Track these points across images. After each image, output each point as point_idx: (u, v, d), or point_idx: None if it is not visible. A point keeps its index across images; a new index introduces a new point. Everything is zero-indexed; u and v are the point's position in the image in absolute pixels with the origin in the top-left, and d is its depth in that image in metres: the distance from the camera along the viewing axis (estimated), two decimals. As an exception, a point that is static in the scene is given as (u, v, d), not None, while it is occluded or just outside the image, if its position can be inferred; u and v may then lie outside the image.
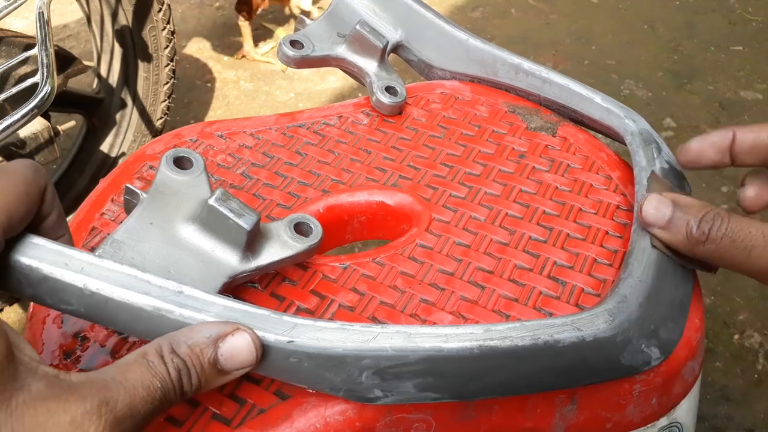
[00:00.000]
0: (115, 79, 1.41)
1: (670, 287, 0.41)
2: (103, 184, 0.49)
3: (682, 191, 0.45)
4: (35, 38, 1.01)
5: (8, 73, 1.10)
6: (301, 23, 0.57)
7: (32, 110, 1.02)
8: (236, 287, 0.41)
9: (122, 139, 1.45)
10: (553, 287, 0.43)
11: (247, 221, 0.38)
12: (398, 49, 0.59)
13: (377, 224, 0.50)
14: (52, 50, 1.02)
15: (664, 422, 0.43)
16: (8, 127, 1.01)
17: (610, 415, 0.41)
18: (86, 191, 1.41)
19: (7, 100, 1.06)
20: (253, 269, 0.40)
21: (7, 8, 1.02)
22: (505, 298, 0.43)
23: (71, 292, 0.33)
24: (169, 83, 1.45)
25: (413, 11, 0.57)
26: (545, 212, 0.48)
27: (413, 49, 0.59)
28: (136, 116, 1.44)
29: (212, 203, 0.38)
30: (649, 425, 0.42)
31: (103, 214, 0.47)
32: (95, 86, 1.42)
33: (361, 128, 0.54)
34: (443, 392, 0.36)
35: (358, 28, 0.55)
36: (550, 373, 0.37)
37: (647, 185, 0.44)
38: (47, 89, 1.02)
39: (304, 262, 0.43)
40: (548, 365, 0.36)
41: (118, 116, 1.43)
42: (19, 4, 1.03)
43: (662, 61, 1.93)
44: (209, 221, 0.39)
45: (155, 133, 1.47)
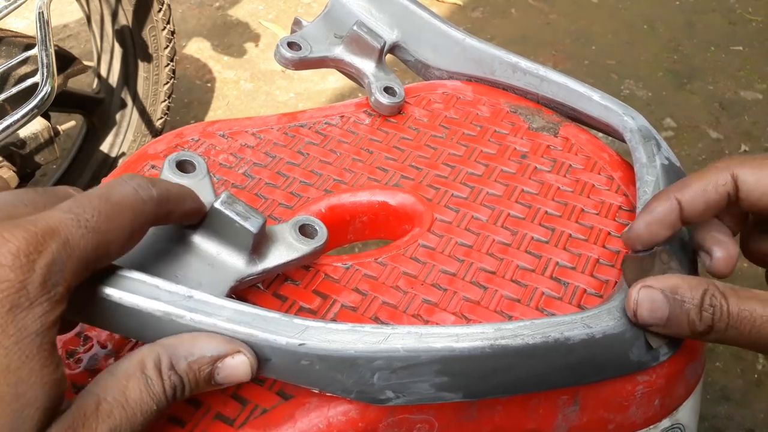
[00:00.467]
0: (115, 79, 1.40)
1: None
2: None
3: None
4: (35, 38, 1.01)
5: (8, 73, 1.10)
6: (297, 24, 0.57)
7: (32, 110, 1.02)
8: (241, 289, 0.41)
9: (122, 139, 1.45)
10: (555, 288, 0.43)
11: (253, 224, 0.38)
12: (395, 49, 0.59)
13: (379, 224, 0.50)
14: (52, 50, 1.02)
15: (666, 423, 0.43)
16: (8, 127, 1.01)
17: (612, 416, 0.41)
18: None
19: (7, 100, 1.06)
20: (259, 272, 0.40)
21: (7, 8, 1.02)
22: (507, 298, 0.43)
23: (81, 298, 0.32)
24: (169, 83, 1.45)
25: (409, 11, 0.57)
26: (547, 213, 0.48)
27: (410, 49, 0.59)
28: (136, 116, 1.44)
29: (218, 206, 0.38)
30: (651, 426, 0.42)
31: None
32: (95, 86, 1.42)
33: (362, 128, 0.54)
34: (455, 392, 0.36)
35: (355, 28, 0.55)
36: (560, 370, 0.37)
37: (623, 271, 0.40)
38: (47, 89, 1.02)
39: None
40: (558, 363, 0.36)
41: (118, 116, 1.43)
42: (19, 4, 1.03)
43: (662, 61, 1.93)
44: (215, 225, 0.39)
45: (155, 133, 1.47)
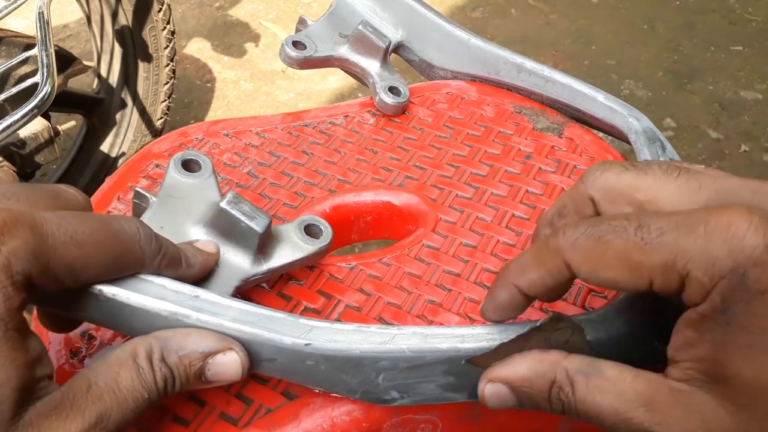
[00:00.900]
0: (115, 79, 1.40)
1: None
2: (109, 182, 0.49)
3: None
4: (35, 38, 1.01)
5: (8, 73, 1.10)
6: (302, 23, 0.57)
7: (32, 110, 1.02)
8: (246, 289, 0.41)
9: (122, 139, 1.45)
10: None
11: (259, 224, 0.38)
12: (399, 49, 0.59)
13: (383, 224, 0.49)
14: (52, 50, 1.02)
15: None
16: (8, 127, 1.01)
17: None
18: (86, 191, 1.39)
19: (7, 100, 1.06)
20: (264, 272, 0.40)
21: (7, 8, 1.02)
22: (512, 298, 0.43)
23: (88, 298, 0.32)
24: (169, 83, 1.45)
25: (414, 11, 0.57)
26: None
27: (414, 49, 0.59)
28: (136, 116, 1.44)
29: (224, 206, 0.38)
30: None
31: (109, 212, 0.47)
32: (95, 86, 1.42)
33: (367, 128, 0.54)
34: (460, 392, 0.36)
35: (360, 28, 0.55)
36: None
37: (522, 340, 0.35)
38: (47, 89, 1.02)
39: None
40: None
41: (118, 116, 1.43)
42: (19, 4, 1.03)
43: (662, 61, 1.94)
44: (220, 224, 0.39)
45: (155, 133, 1.47)
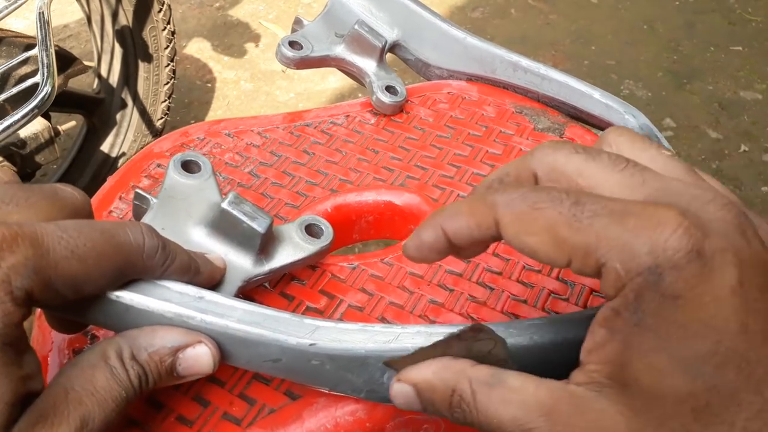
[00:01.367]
0: (115, 79, 1.40)
1: None
2: (110, 181, 0.49)
3: None
4: (35, 38, 1.01)
5: (9, 73, 1.10)
6: (298, 24, 0.57)
7: (32, 110, 1.02)
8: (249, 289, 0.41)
9: (122, 139, 1.45)
10: (561, 289, 0.43)
11: (260, 224, 0.38)
12: (395, 48, 0.59)
13: (385, 224, 0.49)
14: (52, 50, 1.02)
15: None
16: (9, 127, 1.01)
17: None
18: (87, 191, 1.39)
19: (7, 100, 1.06)
20: (266, 272, 0.40)
21: (7, 8, 1.02)
22: (513, 299, 0.43)
23: (90, 301, 0.32)
24: (169, 83, 1.45)
25: (410, 10, 0.57)
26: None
27: (410, 48, 0.59)
28: (136, 116, 1.44)
29: (225, 207, 0.38)
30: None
31: (111, 212, 0.47)
32: (95, 86, 1.42)
33: (368, 128, 0.54)
34: None
35: (356, 27, 0.55)
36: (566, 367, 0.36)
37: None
38: (47, 89, 1.02)
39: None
40: (565, 360, 0.35)
41: (118, 116, 1.43)
42: (19, 4, 1.03)
43: (662, 61, 1.94)
44: (222, 225, 0.39)
45: (155, 133, 1.47)
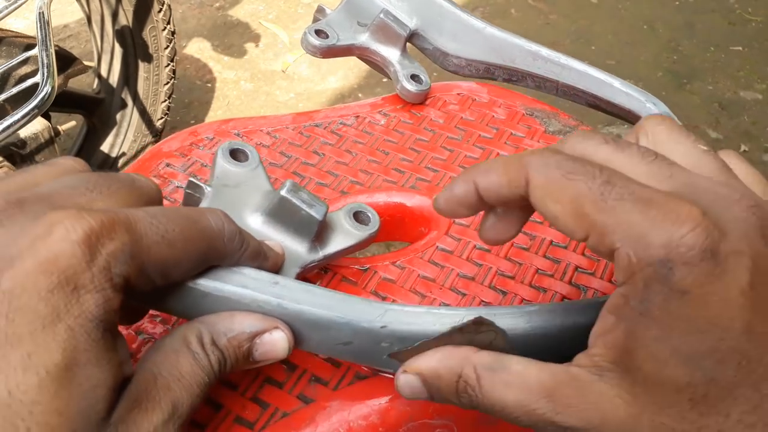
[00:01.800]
0: (115, 79, 1.40)
1: None
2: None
3: None
4: (35, 38, 1.01)
5: (9, 73, 1.10)
6: (320, 12, 0.57)
7: (33, 110, 1.02)
8: None
9: (122, 139, 1.45)
10: (573, 292, 0.43)
11: (318, 211, 0.39)
12: (413, 37, 0.59)
13: (395, 226, 0.49)
14: (52, 50, 1.02)
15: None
16: (9, 127, 1.01)
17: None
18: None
19: (7, 100, 1.05)
20: (321, 258, 0.40)
21: (7, 8, 1.02)
22: (525, 303, 0.42)
23: (169, 290, 0.32)
24: (169, 83, 1.45)
25: (429, 0, 0.57)
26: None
27: (429, 37, 0.58)
28: (136, 116, 1.44)
29: (285, 194, 0.39)
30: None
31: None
32: (95, 86, 1.42)
33: (378, 128, 0.54)
34: None
35: (382, 16, 0.55)
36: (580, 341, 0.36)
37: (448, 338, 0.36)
38: (47, 89, 1.02)
39: (327, 263, 0.43)
40: (569, 348, 0.36)
41: (118, 116, 1.43)
42: (19, 4, 1.03)
43: (662, 61, 1.94)
44: (279, 212, 0.39)
45: (155, 133, 1.46)
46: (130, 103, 1.42)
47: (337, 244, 0.41)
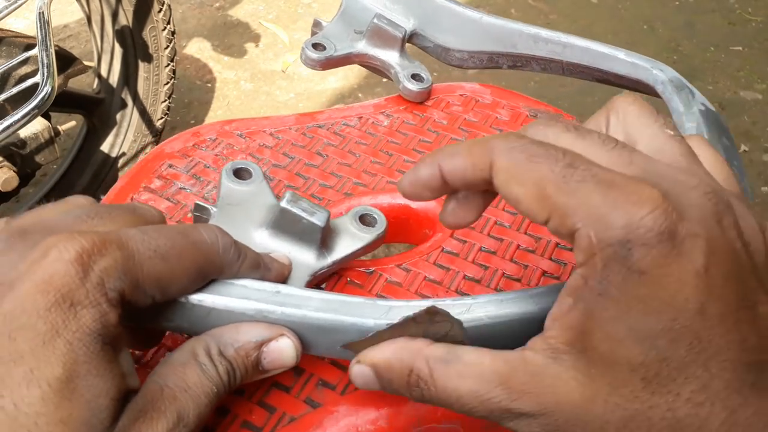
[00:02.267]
0: (115, 79, 1.40)
1: None
2: (122, 182, 0.48)
3: (724, 136, 0.44)
4: (35, 38, 1.01)
5: (9, 73, 1.10)
6: (317, 26, 0.58)
7: (33, 110, 1.02)
8: None
9: (122, 139, 1.44)
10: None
11: (319, 218, 0.39)
12: (413, 38, 0.59)
13: (400, 228, 0.49)
14: (52, 50, 1.02)
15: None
16: (9, 127, 1.01)
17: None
18: (86, 191, 1.40)
19: (7, 100, 1.05)
20: (330, 264, 0.41)
21: (7, 8, 1.01)
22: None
23: (174, 307, 0.33)
24: (169, 83, 1.44)
25: None
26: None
27: (428, 35, 0.59)
28: (136, 116, 1.43)
29: (285, 206, 0.39)
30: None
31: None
32: (95, 86, 1.41)
33: (381, 130, 0.54)
34: None
35: (375, 21, 0.56)
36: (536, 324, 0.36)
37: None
38: (47, 89, 1.02)
39: (339, 268, 0.43)
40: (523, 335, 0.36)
41: (118, 116, 1.42)
42: (19, 4, 1.03)
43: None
44: (282, 224, 0.40)
45: (155, 133, 1.46)
46: (130, 103, 1.42)
47: (345, 248, 0.42)
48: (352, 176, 0.50)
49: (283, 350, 0.34)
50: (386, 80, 0.67)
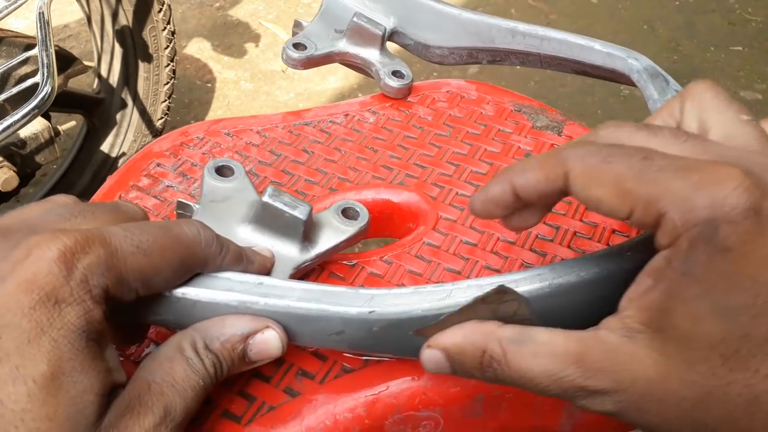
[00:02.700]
0: (115, 79, 1.41)
1: None
2: (110, 181, 0.49)
3: None
4: (36, 38, 1.02)
5: (9, 73, 1.11)
6: (297, 26, 0.59)
7: (33, 110, 1.02)
8: None
9: (122, 139, 1.45)
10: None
11: (301, 212, 0.40)
12: (393, 36, 0.60)
13: (384, 222, 0.50)
14: (52, 50, 1.03)
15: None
16: (9, 127, 1.02)
17: (618, 412, 0.41)
18: (86, 191, 1.41)
19: (7, 100, 1.06)
20: (313, 257, 0.42)
21: (7, 8, 1.02)
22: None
23: (159, 301, 0.34)
24: (169, 83, 1.45)
25: None
26: (552, 211, 0.48)
27: (408, 33, 0.59)
28: (136, 116, 1.44)
29: (266, 200, 0.40)
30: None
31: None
32: (95, 86, 1.42)
33: (367, 126, 0.54)
34: None
35: (355, 20, 0.56)
36: (605, 301, 0.36)
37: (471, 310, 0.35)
38: (47, 89, 1.03)
39: (322, 261, 0.44)
40: (605, 294, 0.35)
41: (118, 116, 1.43)
42: (19, 4, 1.04)
43: (662, 61, 1.94)
44: (265, 219, 0.40)
45: (155, 133, 1.47)
46: (130, 103, 1.43)
47: (328, 241, 0.42)
48: (337, 172, 0.50)
49: (268, 341, 0.34)
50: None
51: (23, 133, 1.15)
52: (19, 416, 0.27)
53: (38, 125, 1.17)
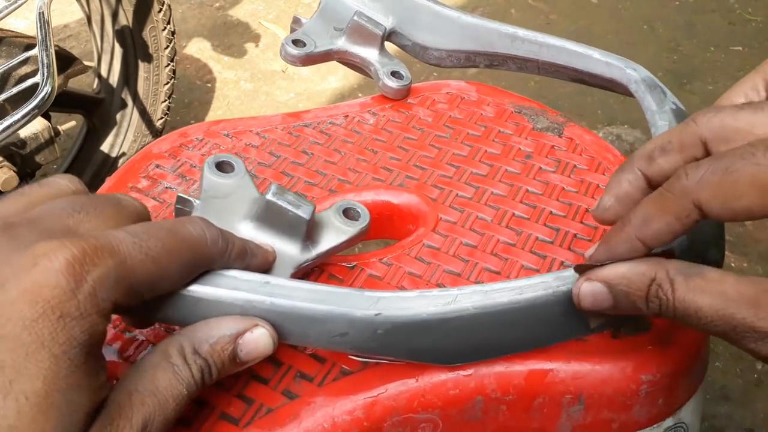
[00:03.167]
0: (115, 79, 1.40)
1: None
2: (109, 182, 0.49)
3: None
4: (36, 38, 1.01)
5: (9, 73, 1.10)
6: (296, 23, 0.58)
7: (33, 110, 1.02)
8: None
9: (122, 139, 1.45)
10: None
11: (305, 211, 0.40)
12: (392, 36, 0.59)
13: (383, 224, 0.49)
14: (52, 50, 1.02)
15: (669, 422, 0.43)
16: (9, 127, 1.02)
17: (616, 415, 0.41)
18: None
19: (7, 100, 1.06)
20: (314, 257, 0.41)
21: (7, 8, 1.02)
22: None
23: (162, 300, 0.33)
24: (169, 83, 1.45)
25: None
26: (552, 213, 0.48)
27: (406, 33, 0.59)
28: (136, 116, 1.44)
29: (270, 198, 0.39)
30: (655, 426, 0.42)
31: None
32: (95, 86, 1.42)
33: (367, 128, 0.54)
34: (522, 345, 0.37)
35: (356, 18, 0.56)
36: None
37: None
38: (47, 89, 1.03)
39: (322, 261, 0.44)
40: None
41: (118, 116, 1.43)
42: (19, 4, 1.03)
43: (662, 61, 1.93)
44: (267, 216, 0.40)
45: (155, 133, 1.47)
46: (130, 103, 1.42)
47: (329, 241, 0.42)
48: (337, 174, 0.50)
49: (259, 340, 0.34)
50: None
51: (23, 133, 1.15)
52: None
53: (38, 125, 1.17)
